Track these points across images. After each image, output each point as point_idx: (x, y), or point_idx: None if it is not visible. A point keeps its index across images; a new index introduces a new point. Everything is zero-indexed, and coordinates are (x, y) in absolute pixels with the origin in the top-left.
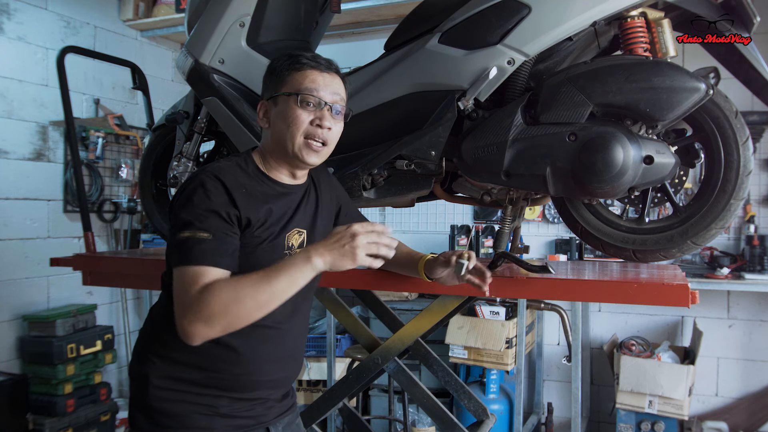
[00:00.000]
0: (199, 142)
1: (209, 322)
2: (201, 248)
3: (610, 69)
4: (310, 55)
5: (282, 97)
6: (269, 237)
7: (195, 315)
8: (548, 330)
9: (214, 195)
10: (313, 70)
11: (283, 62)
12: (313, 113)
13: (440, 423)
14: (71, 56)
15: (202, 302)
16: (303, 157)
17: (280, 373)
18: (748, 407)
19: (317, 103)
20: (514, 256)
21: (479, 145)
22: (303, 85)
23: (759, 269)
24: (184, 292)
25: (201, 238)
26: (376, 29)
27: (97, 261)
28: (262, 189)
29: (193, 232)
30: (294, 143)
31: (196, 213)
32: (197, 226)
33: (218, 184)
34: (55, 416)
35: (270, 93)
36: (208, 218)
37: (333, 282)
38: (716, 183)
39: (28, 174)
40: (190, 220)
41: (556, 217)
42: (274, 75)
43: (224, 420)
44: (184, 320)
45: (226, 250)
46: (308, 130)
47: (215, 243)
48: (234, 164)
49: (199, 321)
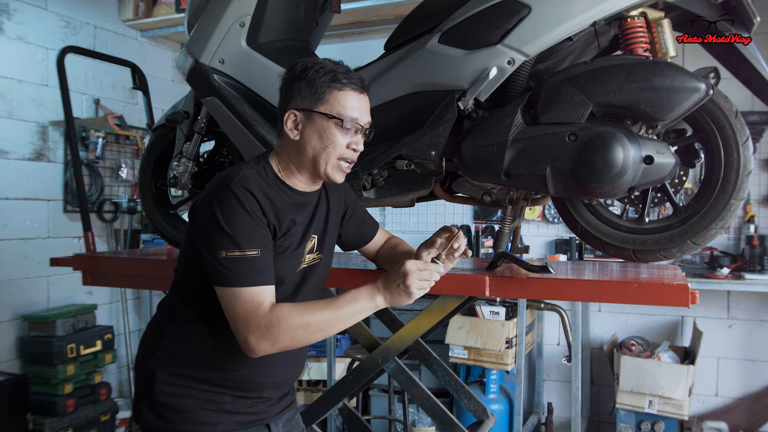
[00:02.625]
0: (199, 142)
1: (276, 342)
2: (254, 267)
3: (610, 69)
4: (345, 70)
5: (321, 117)
6: (291, 246)
7: (263, 334)
8: (548, 330)
9: (251, 209)
10: (354, 92)
11: (322, 76)
12: (350, 137)
13: (440, 423)
14: (71, 56)
15: (272, 325)
16: (333, 177)
17: (284, 375)
18: (748, 407)
19: (357, 128)
20: (514, 256)
21: (479, 145)
22: (346, 110)
23: (759, 269)
24: (252, 313)
25: (252, 257)
26: (376, 29)
27: (97, 261)
28: (284, 199)
29: (242, 252)
30: (328, 164)
31: (239, 230)
32: (245, 245)
33: (250, 196)
34: (55, 416)
35: (304, 105)
36: (254, 235)
37: (333, 282)
38: (716, 183)
39: (28, 174)
40: (237, 240)
41: (556, 217)
42: (311, 88)
43: (228, 416)
44: (251, 337)
45: (270, 263)
46: (344, 153)
47: (264, 259)
48: (255, 173)
49: (267, 341)
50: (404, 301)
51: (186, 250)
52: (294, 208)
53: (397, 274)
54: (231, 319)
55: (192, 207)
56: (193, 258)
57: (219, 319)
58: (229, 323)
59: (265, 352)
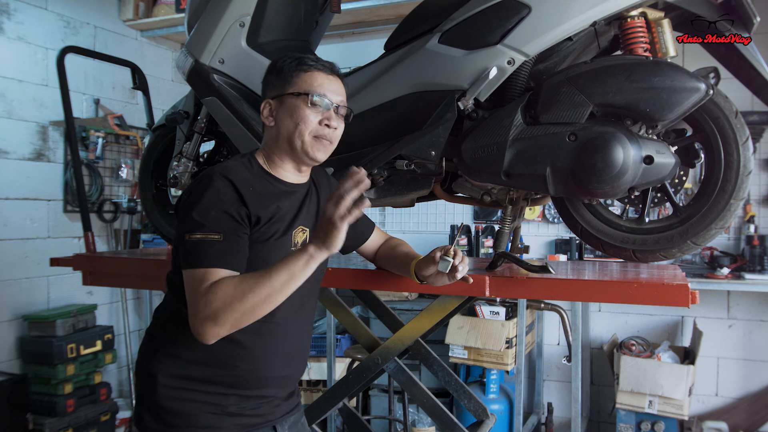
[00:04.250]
0: (199, 142)
1: (217, 319)
2: (211, 250)
3: (610, 69)
4: (314, 57)
5: (289, 97)
6: (276, 233)
7: (203, 314)
8: (548, 330)
9: (224, 195)
10: (320, 72)
11: (289, 63)
12: (320, 113)
13: (440, 423)
14: (71, 56)
15: (208, 301)
16: (313, 154)
17: (287, 370)
18: (748, 407)
19: (326, 104)
20: (514, 256)
21: (479, 145)
22: (312, 86)
23: (759, 269)
24: (194, 293)
25: (212, 240)
26: (376, 29)
27: (97, 261)
28: (268, 188)
29: (204, 234)
30: (303, 140)
31: (206, 214)
32: (208, 227)
33: (227, 183)
34: (55, 416)
35: (276, 92)
36: (219, 219)
37: (333, 282)
38: (716, 183)
39: (28, 174)
40: (201, 222)
41: (556, 217)
42: (280, 75)
43: (232, 419)
44: (195, 320)
45: (235, 251)
46: (317, 129)
47: (225, 244)
48: (239, 164)
49: (208, 319)
50: (335, 236)
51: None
52: (279, 195)
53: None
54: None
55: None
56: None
57: None
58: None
59: (215, 333)
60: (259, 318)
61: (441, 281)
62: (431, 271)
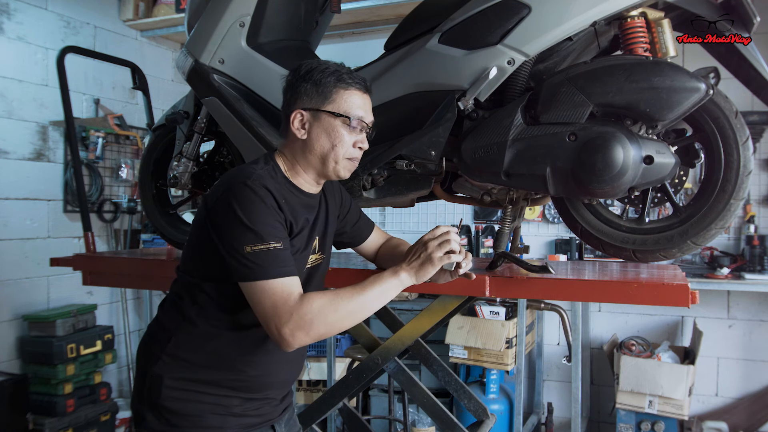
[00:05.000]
0: (199, 142)
1: (311, 330)
2: (280, 260)
3: (610, 69)
4: (351, 73)
5: (328, 115)
6: (300, 247)
7: (296, 324)
8: (548, 330)
9: (271, 205)
10: (359, 92)
11: (328, 77)
12: (356, 135)
13: (440, 423)
14: (71, 56)
15: (303, 312)
16: (341, 174)
17: (289, 374)
18: (748, 407)
19: (363, 126)
20: (514, 256)
21: (479, 145)
22: (352, 109)
23: (759, 269)
24: (283, 304)
25: (276, 249)
26: (376, 29)
27: (97, 261)
28: (294, 199)
29: (267, 245)
30: (338, 162)
31: (263, 224)
32: (269, 238)
33: (268, 194)
34: (55, 416)
35: (311, 105)
36: (276, 229)
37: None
38: (716, 183)
39: (28, 174)
40: (260, 233)
41: (556, 217)
42: (318, 88)
43: (236, 419)
44: (285, 328)
45: (292, 258)
46: (351, 152)
47: (287, 252)
48: (266, 173)
49: (301, 330)
50: (429, 270)
51: (195, 251)
52: (304, 208)
53: (416, 246)
54: (260, 314)
55: (204, 207)
56: (203, 258)
57: (229, 320)
58: (259, 319)
59: (301, 342)
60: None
61: (444, 279)
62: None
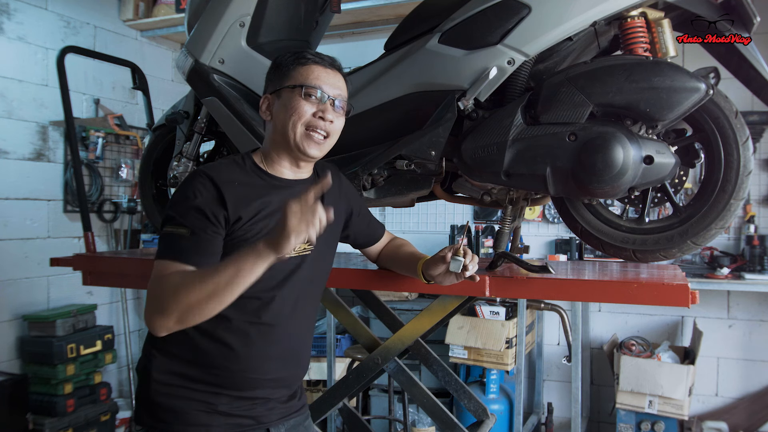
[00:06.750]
0: (199, 142)
1: (165, 311)
2: (177, 244)
3: (610, 69)
4: (313, 52)
5: (286, 90)
6: (263, 229)
7: (152, 305)
8: (548, 330)
9: (201, 192)
10: (318, 66)
11: (288, 58)
12: (315, 106)
13: (440, 423)
14: (71, 56)
15: (157, 292)
16: (304, 147)
17: (280, 372)
18: (748, 407)
19: (320, 96)
20: (514, 256)
21: (479, 145)
22: (307, 79)
23: (759, 269)
24: (149, 284)
25: (179, 234)
26: (376, 29)
27: (97, 261)
28: (257, 183)
29: (173, 227)
30: (296, 132)
31: (179, 209)
32: (177, 221)
33: (207, 180)
34: (55, 416)
35: (273, 87)
36: (190, 215)
37: (333, 282)
38: (716, 183)
39: (28, 174)
40: (173, 216)
41: (556, 217)
42: (279, 70)
43: (223, 418)
44: (146, 312)
45: (203, 249)
46: (310, 120)
47: (192, 240)
48: (230, 161)
49: (157, 311)
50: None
51: None
52: (269, 190)
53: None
54: None
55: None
56: None
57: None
58: None
59: (164, 326)
60: (209, 316)
61: (449, 280)
62: (440, 270)
